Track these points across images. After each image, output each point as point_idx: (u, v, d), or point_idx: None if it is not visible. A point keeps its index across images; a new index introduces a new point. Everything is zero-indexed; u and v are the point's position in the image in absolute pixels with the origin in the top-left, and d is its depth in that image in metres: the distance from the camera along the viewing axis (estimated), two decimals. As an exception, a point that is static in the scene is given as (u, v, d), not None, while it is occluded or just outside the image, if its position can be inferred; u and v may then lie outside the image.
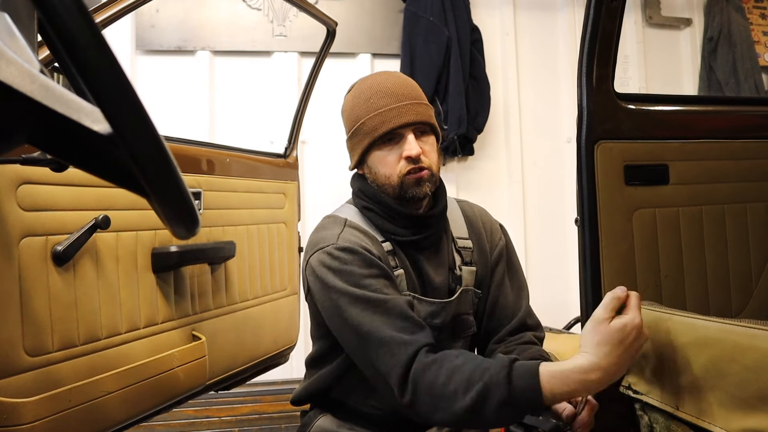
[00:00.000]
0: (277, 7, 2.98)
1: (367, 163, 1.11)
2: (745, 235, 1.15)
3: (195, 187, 1.46)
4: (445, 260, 1.15)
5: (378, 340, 0.95)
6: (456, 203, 1.25)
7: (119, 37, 2.79)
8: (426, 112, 1.08)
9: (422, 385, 0.91)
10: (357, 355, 1.01)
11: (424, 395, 0.91)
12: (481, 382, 0.87)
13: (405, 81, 1.10)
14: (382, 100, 1.06)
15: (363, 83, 1.12)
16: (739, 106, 1.26)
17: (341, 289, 0.99)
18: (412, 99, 1.07)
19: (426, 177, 1.06)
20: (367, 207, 1.12)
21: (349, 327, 0.98)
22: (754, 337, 0.73)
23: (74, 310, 1.07)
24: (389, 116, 1.04)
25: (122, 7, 1.20)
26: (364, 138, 1.08)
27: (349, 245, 1.03)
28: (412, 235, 1.10)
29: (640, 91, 3.34)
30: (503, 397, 0.85)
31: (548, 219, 3.23)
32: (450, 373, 0.90)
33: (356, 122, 1.09)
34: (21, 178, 0.99)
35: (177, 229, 0.42)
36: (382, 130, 1.05)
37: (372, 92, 1.07)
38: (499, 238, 1.23)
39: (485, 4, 3.25)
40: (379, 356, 0.95)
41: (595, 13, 1.00)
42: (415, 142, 1.05)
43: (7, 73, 0.32)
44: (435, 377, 0.91)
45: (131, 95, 0.35)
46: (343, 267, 1.01)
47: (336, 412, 1.15)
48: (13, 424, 0.91)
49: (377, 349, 0.95)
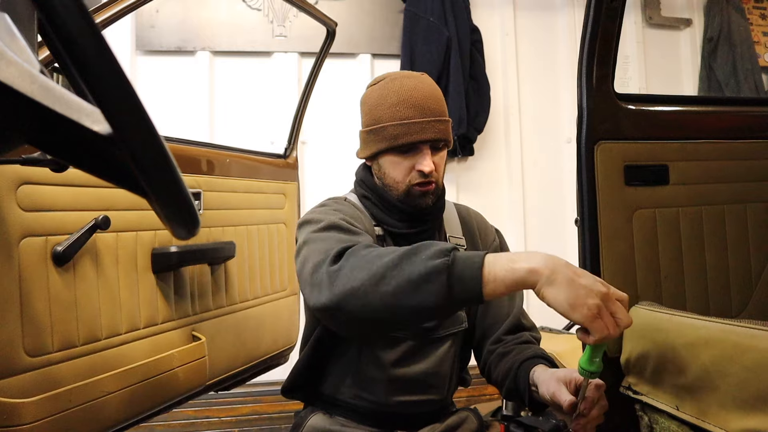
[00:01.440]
0: (277, 8, 2.98)
1: (378, 162, 1.13)
2: (745, 235, 1.15)
3: (195, 188, 1.46)
4: None
5: (336, 240, 0.91)
6: (453, 205, 1.27)
7: (119, 37, 2.79)
8: (446, 129, 1.10)
9: (355, 252, 0.84)
10: (307, 261, 0.90)
11: (353, 260, 0.82)
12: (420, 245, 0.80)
13: (432, 93, 1.10)
14: (408, 110, 1.06)
15: (391, 84, 1.10)
16: (739, 106, 1.26)
17: (319, 219, 0.99)
18: (437, 115, 1.08)
19: (432, 190, 1.10)
20: (366, 196, 1.16)
21: (312, 240, 0.94)
22: (754, 337, 0.73)
23: (74, 311, 1.07)
24: (412, 129, 1.06)
25: (122, 7, 1.20)
26: (382, 141, 1.09)
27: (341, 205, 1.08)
28: (405, 228, 1.13)
29: (640, 91, 3.34)
30: (442, 248, 0.77)
31: (548, 219, 3.23)
32: (387, 247, 0.84)
33: (377, 123, 1.10)
34: (21, 178, 0.99)
35: (177, 229, 0.42)
36: (402, 141, 1.07)
37: (399, 99, 1.08)
38: (493, 239, 1.25)
39: (485, 4, 3.25)
40: (327, 245, 0.88)
41: (595, 13, 1.00)
42: (430, 158, 1.07)
43: (7, 74, 0.32)
44: (374, 248, 0.84)
45: (131, 95, 0.35)
46: (328, 210, 1.05)
47: (327, 409, 1.15)
48: (13, 424, 0.91)
49: (330, 243, 0.89)
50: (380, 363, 1.09)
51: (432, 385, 1.13)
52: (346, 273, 0.81)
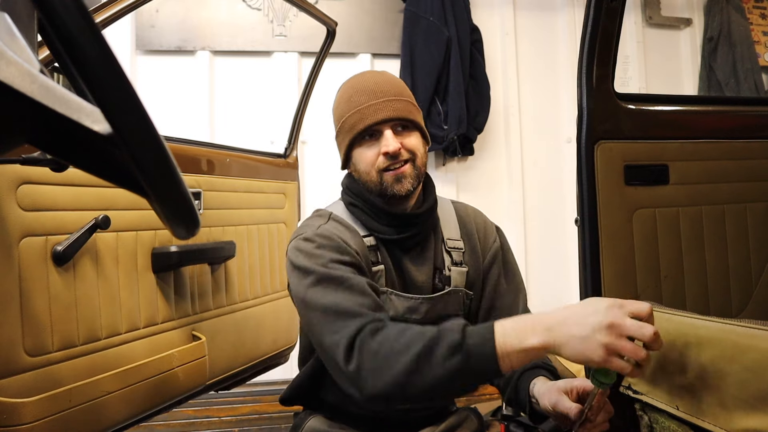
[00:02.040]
0: (277, 7, 2.98)
1: (352, 161, 1.10)
2: (745, 235, 1.15)
3: (195, 187, 1.46)
4: (431, 259, 1.13)
5: (334, 312, 0.92)
6: (450, 204, 1.23)
7: (119, 37, 2.79)
8: (405, 108, 1.07)
9: (367, 348, 0.87)
10: (314, 333, 0.97)
11: (368, 358, 0.86)
12: (427, 336, 0.84)
13: (387, 78, 1.09)
14: (361, 97, 1.05)
15: (347, 82, 1.11)
16: (739, 106, 1.26)
17: (308, 268, 0.98)
18: (391, 96, 1.06)
19: (407, 172, 1.05)
20: (353, 203, 1.12)
21: (310, 305, 0.96)
22: (754, 337, 0.73)
23: (74, 310, 1.07)
24: (367, 113, 1.04)
25: (122, 7, 1.20)
26: (345, 136, 1.08)
27: (326, 233, 1.04)
28: (396, 234, 1.09)
29: (640, 91, 3.34)
30: (453, 344, 0.81)
31: (548, 219, 3.23)
32: (397, 334, 0.86)
33: (339, 120, 1.09)
34: (21, 178, 0.99)
35: (177, 229, 0.42)
36: (359, 127, 1.05)
37: (353, 90, 1.07)
38: (494, 240, 1.20)
39: (485, 4, 3.25)
40: (333, 327, 0.91)
41: (595, 13, 1.00)
42: (393, 137, 1.04)
43: (7, 73, 0.32)
44: (383, 338, 0.87)
45: (131, 95, 0.35)
46: (314, 251, 1.01)
47: (327, 413, 1.15)
48: (13, 424, 0.91)
49: (333, 321, 0.92)
50: None
51: None
52: (366, 376, 0.86)
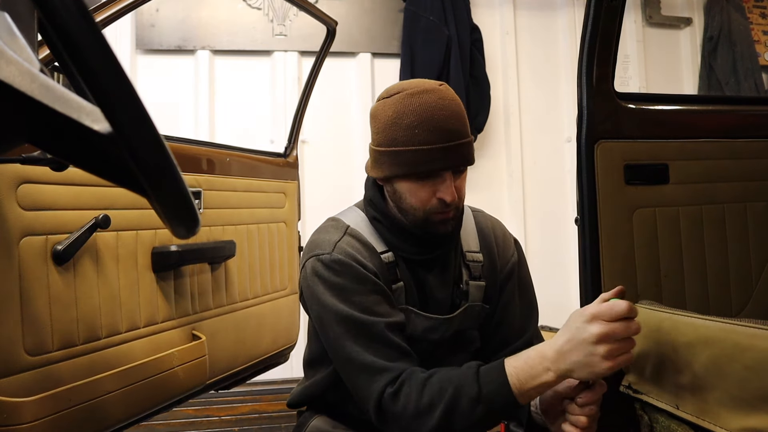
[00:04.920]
0: (277, 7, 2.98)
1: (393, 185, 1.03)
2: (745, 235, 1.15)
3: (195, 187, 1.46)
4: (451, 275, 1.11)
5: (358, 365, 0.96)
6: (470, 213, 1.18)
7: (119, 37, 2.78)
8: (470, 151, 1.00)
9: (390, 415, 0.93)
10: (341, 372, 1.03)
11: (395, 424, 0.94)
12: (447, 393, 0.89)
13: (454, 111, 0.98)
14: (428, 135, 0.95)
15: (408, 101, 0.97)
16: (739, 105, 1.26)
17: (329, 305, 0.98)
18: (460, 138, 0.97)
19: (452, 217, 1.02)
20: (377, 219, 1.07)
21: (333, 345, 1.00)
22: (754, 337, 0.73)
23: (74, 310, 1.07)
24: (434, 156, 0.95)
25: (122, 7, 1.20)
26: (398, 166, 0.98)
27: (343, 258, 0.99)
28: (419, 255, 1.06)
29: (640, 90, 3.34)
30: (473, 397, 0.87)
31: (548, 219, 3.23)
32: (417, 395, 0.91)
33: (392, 145, 0.98)
34: (21, 178, 0.99)
35: (177, 228, 0.42)
36: (423, 168, 0.97)
37: (418, 120, 0.95)
38: (512, 254, 1.17)
39: (485, 3, 3.25)
40: (359, 381, 0.97)
41: (595, 12, 0.99)
42: (453, 186, 0.98)
43: (7, 73, 0.32)
44: (404, 402, 0.92)
45: (131, 94, 0.35)
46: (334, 279, 0.99)
47: (332, 415, 1.14)
48: (13, 423, 0.91)
49: (358, 373, 0.97)
50: None
51: None
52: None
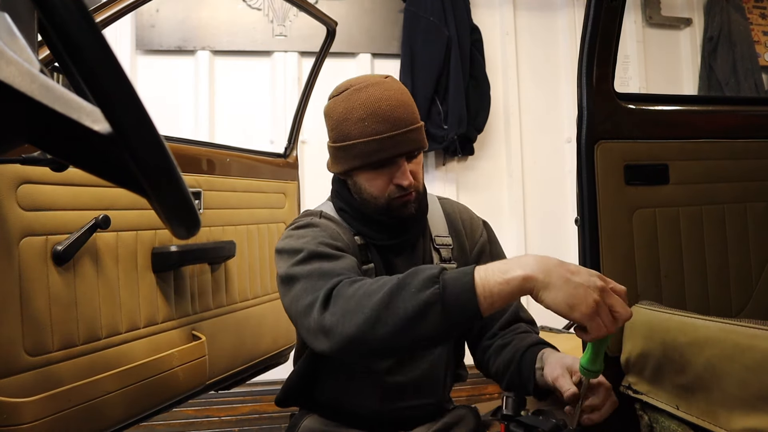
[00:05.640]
0: (277, 7, 2.98)
1: (353, 178, 1.08)
2: (745, 235, 1.15)
3: (195, 187, 1.46)
4: (420, 258, 1.14)
5: (318, 274, 0.90)
6: (437, 201, 1.23)
7: (119, 37, 2.79)
8: (420, 137, 1.05)
9: (342, 294, 0.83)
10: (294, 303, 0.92)
11: (342, 304, 0.82)
12: (406, 273, 0.80)
13: (400, 100, 1.02)
14: (378, 125, 1.00)
15: (356, 96, 1.02)
16: (739, 106, 1.26)
17: (297, 248, 0.97)
18: (409, 125, 1.02)
19: (413, 199, 1.06)
20: (343, 209, 1.12)
21: (294, 278, 0.93)
22: (754, 337, 0.73)
23: (74, 310, 1.07)
24: (385, 145, 1.00)
25: (122, 7, 1.20)
26: (354, 159, 1.03)
27: (318, 224, 1.04)
28: (387, 240, 1.10)
29: (640, 91, 3.34)
30: (429, 275, 0.77)
31: (548, 219, 3.23)
32: (375, 280, 0.83)
33: (346, 140, 1.03)
34: (21, 178, 0.99)
35: (177, 229, 0.42)
36: (376, 158, 1.01)
37: (366, 112, 1.00)
38: (480, 234, 1.21)
39: (485, 4, 3.25)
40: (314, 287, 0.88)
41: (595, 13, 0.99)
42: (408, 171, 1.03)
43: (7, 73, 0.32)
44: (360, 285, 0.84)
45: (131, 95, 0.35)
46: (306, 233, 1.01)
47: (322, 413, 1.15)
48: (13, 423, 0.91)
49: (315, 282, 0.89)
50: (374, 371, 1.08)
51: (427, 390, 1.13)
52: (339, 320, 0.81)
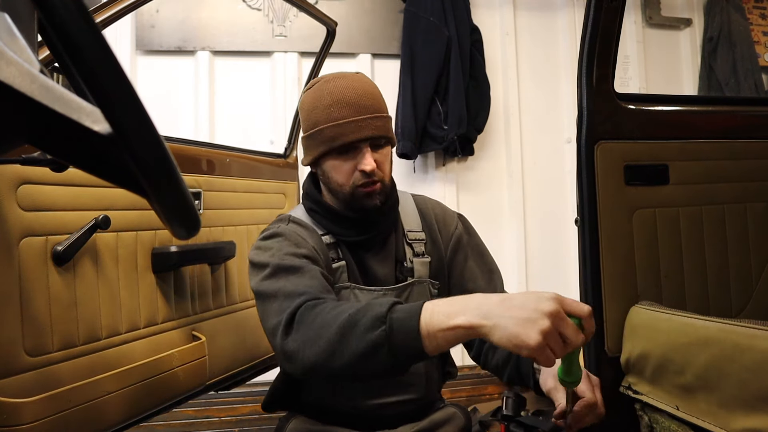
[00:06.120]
0: (277, 8, 2.98)
1: (321, 167, 1.11)
2: (745, 235, 1.15)
3: (195, 187, 1.46)
4: (392, 253, 1.15)
5: (283, 294, 0.95)
6: (410, 197, 1.25)
7: (119, 37, 2.79)
8: (384, 125, 1.08)
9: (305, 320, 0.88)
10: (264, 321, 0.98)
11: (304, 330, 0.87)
12: (357, 307, 0.83)
13: (367, 90, 1.08)
14: (342, 110, 1.05)
15: (324, 86, 1.09)
16: (739, 106, 1.26)
17: (263, 263, 1.02)
18: (372, 112, 1.06)
19: (378, 190, 1.08)
20: (313, 209, 1.15)
21: (263, 295, 0.98)
22: (754, 337, 0.73)
23: (74, 310, 1.07)
24: (348, 129, 1.04)
25: (122, 7, 1.20)
26: (320, 145, 1.08)
27: (284, 232, 1.08)
28: (356, 236, 1.12)
29: (640, 91, 3.34)
30: (378, 315, 0.79)
31: (548, 219, 3.23)
32: (333, 307, 0.87)
33: (314, 127, 1.08)
34: (21, 178, 0.99)
35: (177, 229, 0.42)
36: (339, 142, 1.05)
37: (333, 100, 1.06)
38: (455, 227, 1.22)
39: (485, 4, 3.25)
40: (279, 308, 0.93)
41: (595, 13, 1.00)
42: (371, 156, 1.06)
43: (7, 73, 0.32)
44: (320, 310, 0.87)
45: (131, 95, 0.35)
46: (271, 245, 1.05)
47: (308, 414, 1.15)
48: (13, 424, 0.91)
49: (280, 302, 0.94)
50: None
51: (409, 386, 1.12)
52: (300, 347, 0.87)
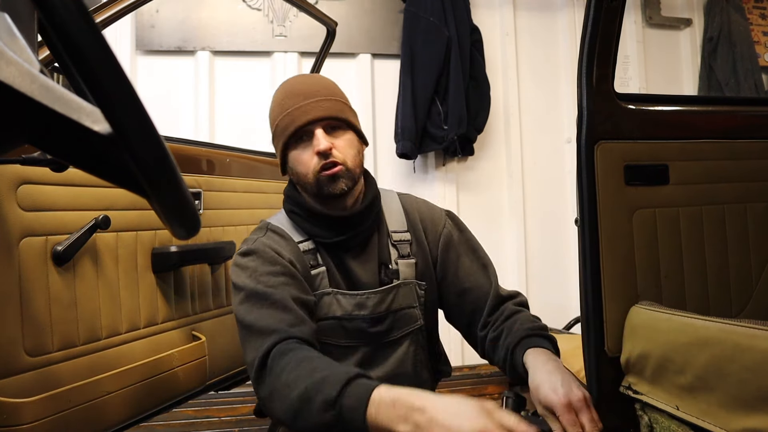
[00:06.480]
0: (277, 8, 2.98)
1: (289, 165, 1.12)
2: (745, 235, 1.15)
3: (195, 187, 1.46)
4: (374, 256, 1.15)
5: (256, 331, 0.97)
6: (396, 196, 1.25)
7: (119, 38, 2.79)
8: (335, 107, 1.08)
9: (273, 371, 0.92)
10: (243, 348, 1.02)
11: (272, 382, 0.91)
12: (314, 379, 0.86)
13: (318, 80, 1.11)
14: (291, 100, 1.07)
15: (282, 86, 1.12)
16: (739, 106, 1.26)
17: (238, 285, 1.04)
18: (321, 96, 1.07)
19: (340, 173, 1.06)
20: (292, 210, 1.15)
21: (239, 321, 1.02)
22: (754, 337, 0.73)
23: (74, 310, 1.07)
24: (296, 114, 1.05)
25: (122, 7, 1.20)
26: (279, 139, 1.09)
27: (259, 246, 1.08)
28: (335, 237, 1.11)
29: (640, 91, 3.34)
30: (329, 400, 0.82)
31: (548, 219, 3.23)
32: (296, 364, 0.90)
33: (273, 124, 1.11)
34: (21, 178, 0.99)
35: (177, 229, 0.42)
36: (291, 129, 1.06)
37: (284, 94, 1.09)
38: (443, 226, 1.22)
39: (485, 4, 3.25)
40: (253, 345, 0.97)
41: (595, 13, 0.99)
42: (324, 136, 1.05)
43: (7, 73, 0.32)
44: (285, 364, 0.91)
45: (131, 95, 0.35)
46: (247, 264, 1.06)
47: None
48: (13, 424, 0.91)
49: (254, 339, 0.97)
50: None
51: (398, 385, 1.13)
52: (269, 398, 0.92)
